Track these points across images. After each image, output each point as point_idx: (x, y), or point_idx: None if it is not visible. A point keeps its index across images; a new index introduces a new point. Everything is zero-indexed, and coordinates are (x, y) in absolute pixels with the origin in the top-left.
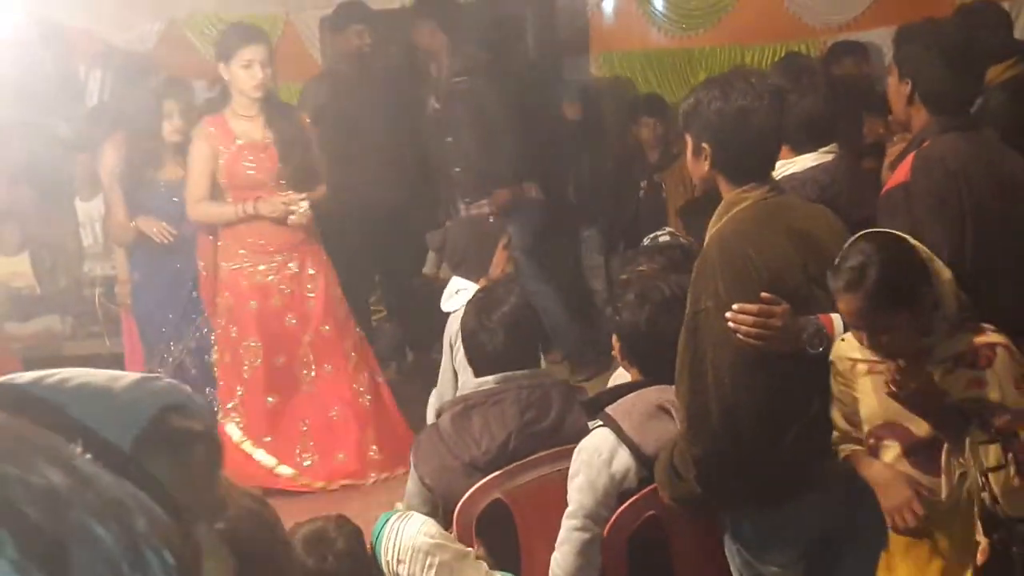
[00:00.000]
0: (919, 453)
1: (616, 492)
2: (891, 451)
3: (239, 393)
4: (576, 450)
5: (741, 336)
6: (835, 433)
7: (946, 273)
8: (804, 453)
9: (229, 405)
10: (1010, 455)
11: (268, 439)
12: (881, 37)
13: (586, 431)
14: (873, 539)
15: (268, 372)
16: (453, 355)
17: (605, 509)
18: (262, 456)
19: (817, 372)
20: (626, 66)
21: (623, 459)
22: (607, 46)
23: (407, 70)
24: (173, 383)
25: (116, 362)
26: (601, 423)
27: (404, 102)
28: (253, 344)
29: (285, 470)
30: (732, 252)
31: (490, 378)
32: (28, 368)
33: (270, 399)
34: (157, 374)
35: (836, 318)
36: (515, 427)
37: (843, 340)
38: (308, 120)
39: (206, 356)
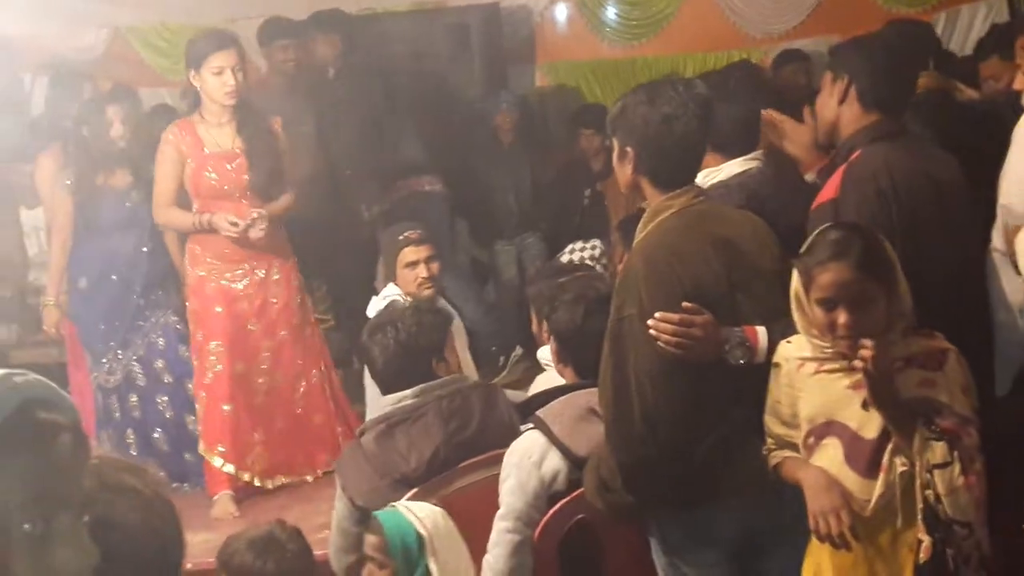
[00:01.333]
0: (859, 454)
1: (546, 494)
2: (830, 451)
3: (202, 396)
4: (507, 453)
5: (662, 344)
6: (768, 440)
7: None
8: (724, 457)
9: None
10: (955, 452)
11: (221, 448)
12: (820, 45)
13: (512, 430)
14: (801, 540)
15: (229, 379)
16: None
17: (536, 511)
18: (218, 462)
19: (740, 379)
20: (571, 76)
21: (553, 461)
22: (552, 56)
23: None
24: (38, 379)
25: (61, 370)
26: (532, 426)
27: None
28: (216, 348)
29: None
30: (656, 260)
31: (407, 392)
32: None
33: (226, 407)
34: (22, 371)
35: (761, 331)
36: (441, 440)
37: (788, 343)
38: (279, 126)
39: (155, 363)
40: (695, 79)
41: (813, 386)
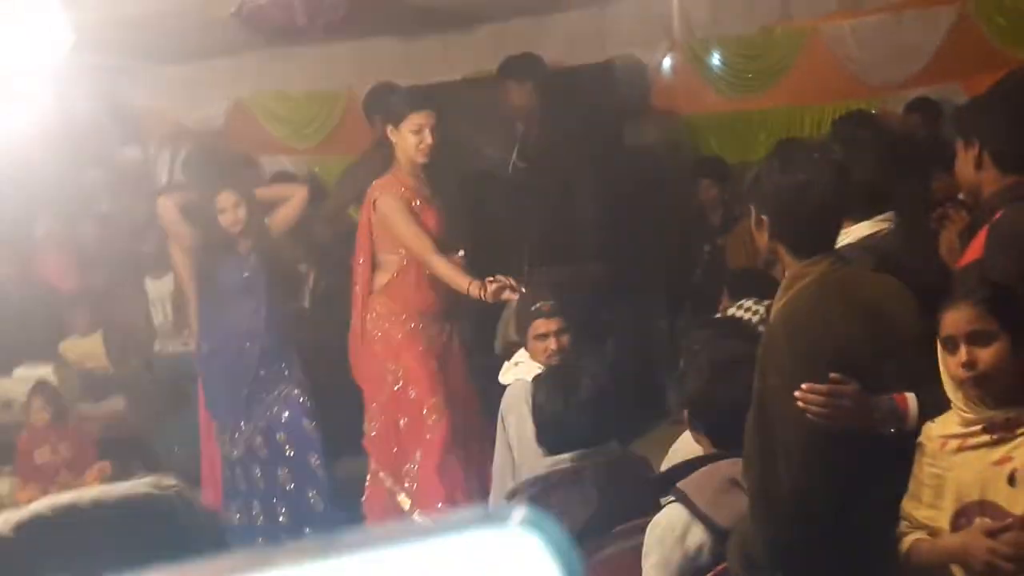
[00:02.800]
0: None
1: (691, 569)
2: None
3: (417, 457)
4: (649, 527)
5: (811, 415)
6: (903, 523)
7: None
8: (867, 536)
9: (402, 471)
10: None
11: (439, 505)
12: (940, 92)
13: (658, 505)
14: None
15: (451, 433)
16: (507, 430)
17: None
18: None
19: (891, 453)
20: (687, 130)
21: (697, 535)
22: (667, 110)
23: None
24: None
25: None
26: (673, 499)
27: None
28: (437, 404)
29: None
30: (797, 328)
31: (566, 456)
32: (102, 449)
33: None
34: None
35: (910, 397)
36: (595, 507)
37: (933, 422)
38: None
39: (277, 434)
40: (828, 143)
41: (959, 464)
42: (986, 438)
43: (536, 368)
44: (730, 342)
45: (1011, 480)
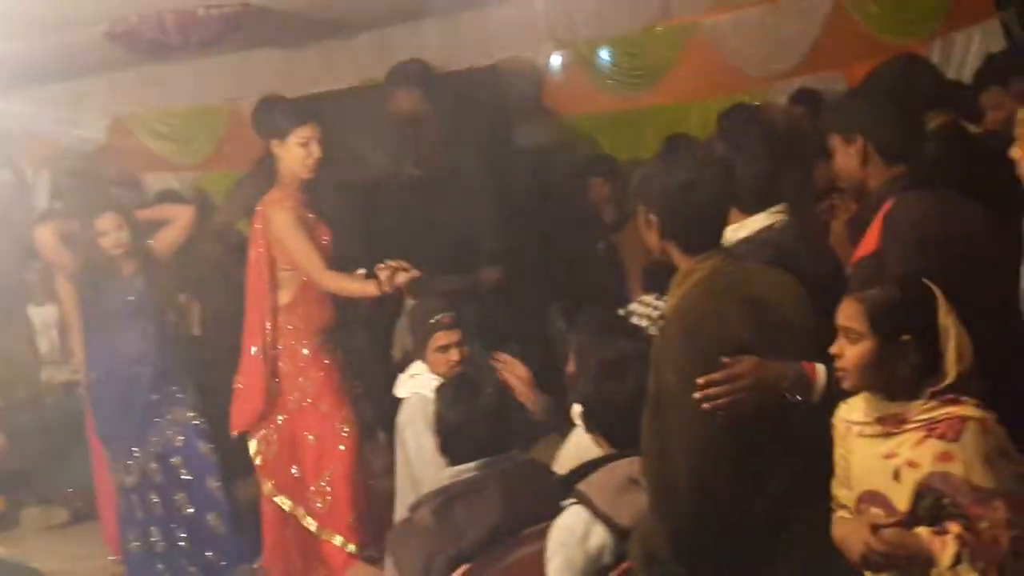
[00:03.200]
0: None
1: (594, 570)
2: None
3: (328, 474)
4: (551, 530)
5: (717, 409)
6: (833, 503)
7: (960, 341)
8: (773, 525)
9: (312, 489)
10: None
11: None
12: (821, 82)
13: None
14: None
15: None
16: (405, 445)
17: None
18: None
19: (787, 443)
20: (576, 130)
21: (598, 535)
22: (555, 111)
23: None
24: None
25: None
26: (574, 501)
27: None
28: (347, 416)
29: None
30: (690, 324)
31: (470, 465)
32: None
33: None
34: None
35: (820, 368)
36: (500, 515)
37: (845, 403)
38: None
39: (172, 459)
40: (713, 140)
41: (857, 450)
42: (878, 429)
43: (432, 380)
44: (617, 342)
45: (896, 476)
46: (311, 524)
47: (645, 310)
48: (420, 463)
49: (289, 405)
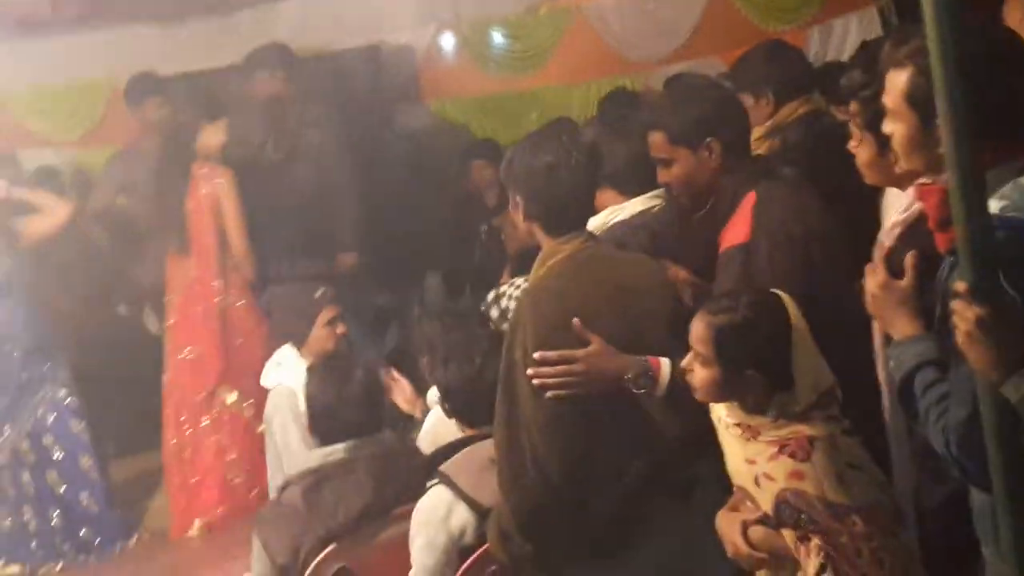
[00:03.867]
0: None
1: (456, 549)
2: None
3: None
4: (415, 511)
5: (549, 388)
6: None
7: (815, 369)
8: (631, 511)
9: None
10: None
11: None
12: (702, 67)
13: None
14: None
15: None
16: (273, 436)
17: (447, 568)
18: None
19: (637, 430)
20: (459, 112)
21: (460, 515)
22: (439, 93)
23: None
24: None
25: None
26: (436, 481)
27: None
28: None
29: None
30: (543, 304)
31: (339, 447)
32: None
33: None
34: None
35: (664, 362)
36: (371, 496)
37: None
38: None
39: (44, 437)
40: (583, 127)
41: (727, 445)
42: (738, 432)
43: (298, 368)
44: (465, 327)
45: (756, 482)
46: None
47: (514, 292)
48: (287, 454)
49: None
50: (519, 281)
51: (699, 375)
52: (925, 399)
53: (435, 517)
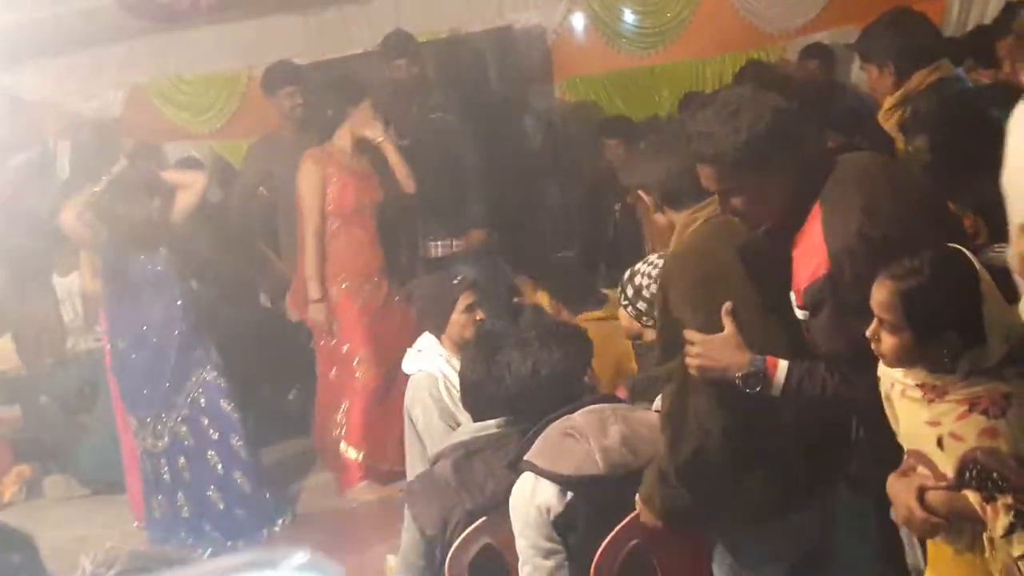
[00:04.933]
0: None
1: (548, 522)
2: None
3: (344, 406)
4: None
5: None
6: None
7: (1006, 318)
8: (788, 471)
9: (338, 418)
10: None
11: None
12: (838, 37)
13: None
14: (854, 560)
15: (377, 382)
16: (415, 423)
17: (546, 539)
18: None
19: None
20: (591, 90)
21: (544, 490)
22: (570, 72)
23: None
24: None
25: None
26: (523, 471)
27: None
28: (366, 357)
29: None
30: (689, 264)
31: (491, 422)
32: (18, 452)
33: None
34: None
35: (782, 364)
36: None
37: None
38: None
39: (200, 420)
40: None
41: (902, 409)
42: (920, 393)
43: (438, 355)
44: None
45: (940, 444)
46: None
47: (649, 269)
48: (431, 441)
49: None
50: (653, 258)
51: (887, 343)
52: None
53: (522, 499)
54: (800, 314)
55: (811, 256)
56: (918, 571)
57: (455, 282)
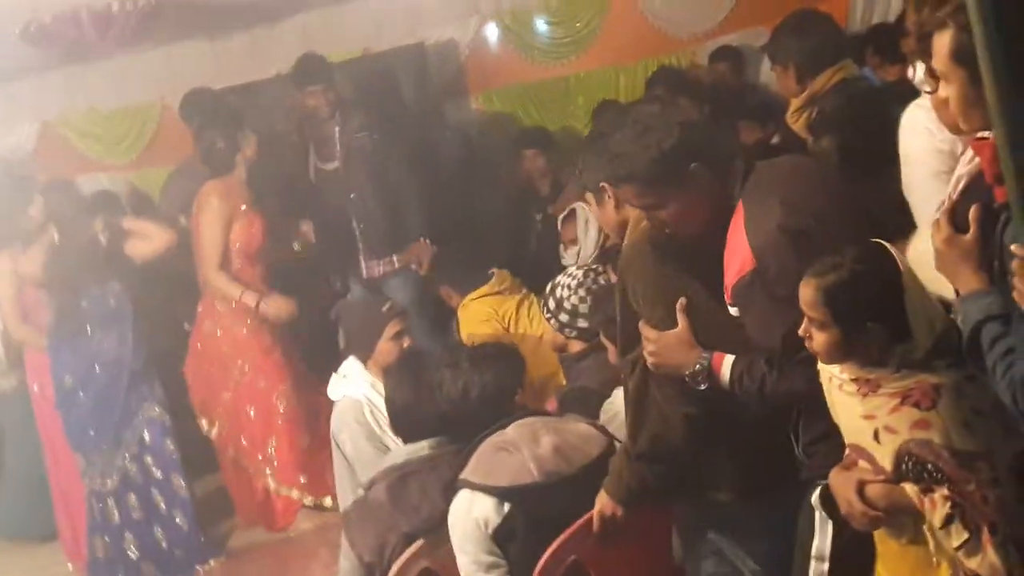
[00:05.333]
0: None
1: (487, 535)
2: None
3: (272, 443)
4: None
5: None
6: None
7: (927, 309)
8: (755, 453)
9: (260, 457)
10: (963, 521)
11: (302, 480)
12: (747, 38)
13: None
14: None
15: (299, 415)
16: (342, 448)
17: (486, 553)
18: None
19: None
20: (506, 102)
21: (482, 503)
22: (485, 85)
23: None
24: None
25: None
26: (458, 488)
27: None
28: (284, 391)
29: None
30: (648, 256)
31: (424, 443)
32: None
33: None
34: None
35: (727, 360)
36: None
37: None
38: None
39: (145, 458)
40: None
41: (839, 403)
42: (854, 388)
43: (363, 380)
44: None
45: (876, 437)
46: (271, 484)
47: (567, 279)
48: (361, 465)
49: (231, 383)
50: (572, 270)
51: (818, 339)
52: (992, 353)
53: (460, 516)
54: (732, 311)
55: (737, 254)
56: (821, 557)
57: (384, 309)
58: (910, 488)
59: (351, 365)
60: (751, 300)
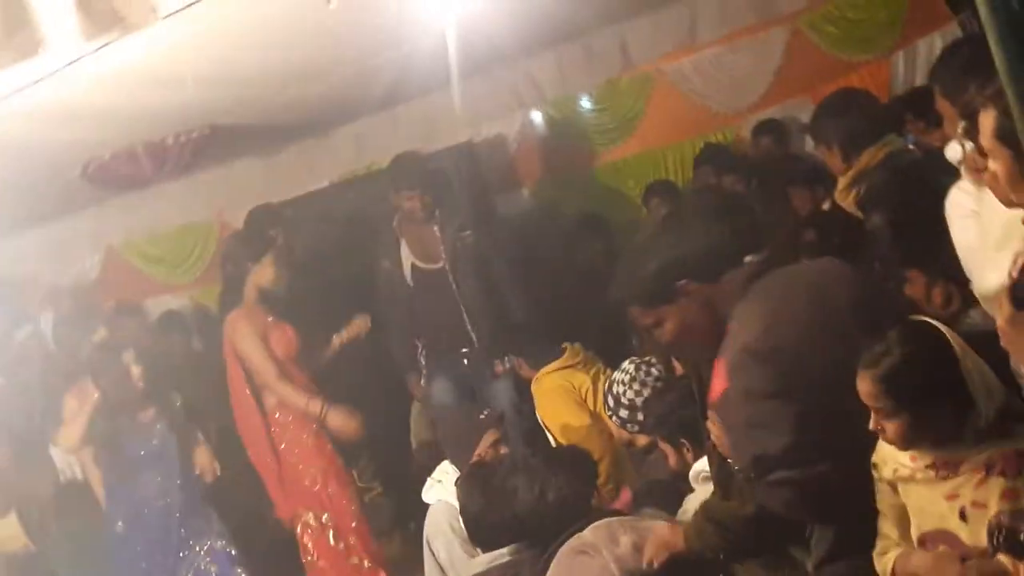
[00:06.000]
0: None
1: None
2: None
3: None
4: None
5: None
6: (880, 542)
7: (983, 377)
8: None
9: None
10: None
11: None
12: (790, 109)
13: None
14: None
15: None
16: (436, 555)
17: None
18: None
19: None
20: (557, 191)
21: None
22: (536, 175)
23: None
24: None
25: None
26: None
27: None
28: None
29: None
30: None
31: (504, 550)
32: None
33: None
34: None
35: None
36: None
37: (881, 447)
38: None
39: None
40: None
41: (912, 493)
42: (932, 474)
43: None
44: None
45: (963, 516)
46: None
47: (621, 375)
48: (453, 570)
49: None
50: (625, 364)
51: (890, 429)
52: None
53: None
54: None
55: (719, 375)
56: None
57: (482, 416)
58: (1006, 559)
59: (445, 468)
60: (726, 419)
